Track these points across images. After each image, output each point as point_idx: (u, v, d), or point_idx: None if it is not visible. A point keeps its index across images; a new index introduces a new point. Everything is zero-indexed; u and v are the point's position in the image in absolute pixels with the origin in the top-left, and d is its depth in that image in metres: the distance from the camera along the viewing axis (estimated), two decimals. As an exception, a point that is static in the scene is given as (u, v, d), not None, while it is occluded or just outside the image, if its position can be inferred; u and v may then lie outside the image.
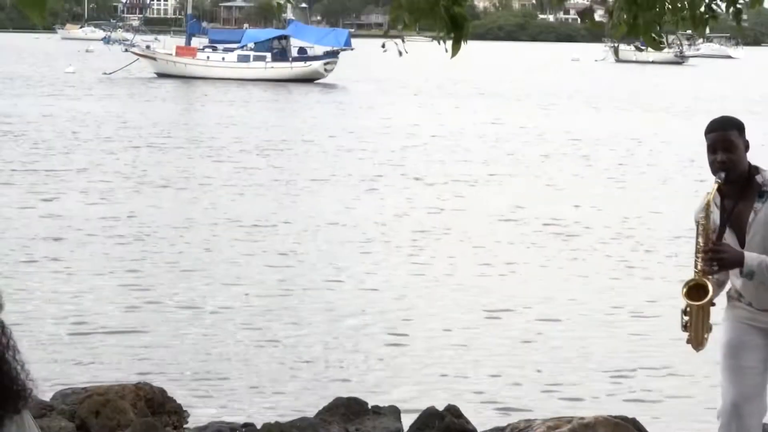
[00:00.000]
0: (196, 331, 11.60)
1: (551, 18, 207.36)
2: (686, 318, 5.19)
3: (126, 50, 61.81)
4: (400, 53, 3.96)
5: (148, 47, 64.31)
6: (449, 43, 3.80)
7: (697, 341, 5.22)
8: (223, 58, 61.36)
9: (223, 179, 22.90)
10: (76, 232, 16.67)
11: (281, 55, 61.62)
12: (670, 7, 4.20)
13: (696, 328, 5.19)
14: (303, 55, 61.93)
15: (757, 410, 5.26)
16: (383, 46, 4.10)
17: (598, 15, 4.56)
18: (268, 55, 61.21)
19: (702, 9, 4.24)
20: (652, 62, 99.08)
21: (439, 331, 11.84)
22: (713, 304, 5.19)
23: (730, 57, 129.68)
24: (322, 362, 10.64)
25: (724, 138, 5.09)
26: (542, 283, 14.13)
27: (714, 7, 4.29)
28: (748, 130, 5.25)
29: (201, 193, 21.01)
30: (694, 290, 5.13)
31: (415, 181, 23.48)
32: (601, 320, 12.43)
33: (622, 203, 20.91)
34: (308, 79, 60.02)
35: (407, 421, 7.38)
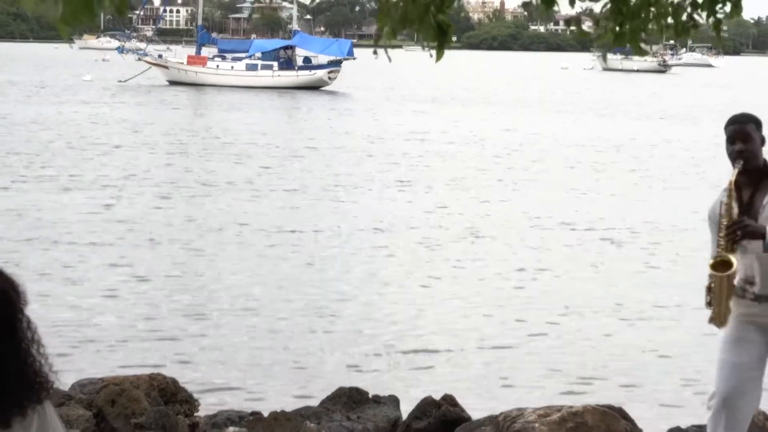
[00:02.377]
0: (208, 326, 11.60)
1: (542, 29, 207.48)
2: (710, 296, 5.17)
3: (139, 59, 61.98)
4: (389, 59, 3.97)
5: (160, 56, 64.40)
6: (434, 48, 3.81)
7: (720, 319, 5.17)
8: (232, 67, 61.42)
9: (249, 184, 22.68)
10: (93, 233, 16.70)
11: (287, 64, 61.68)
12: (654, 16, 4.21)
13: (719, 303, 5.13)
14: (308, 64, 62.06)
15: (748, 404, 5.24)
16: (375, 52, 4.14)
17: (586, 26, 4.55)
18: (275, 64, 61.28)
19: (684, 18, 4.25)
20: (637, 71, 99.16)
21: (439, 327, 11.84)
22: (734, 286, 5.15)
23: (710, 66, 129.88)
24: (325, 354, 10.64)
25: (742, 130, 5.20)
26: (544, 283, 14.10)
27: (695, 17, 4.30)
28: None
29: (227, 198, 20.81)
30: (719, 266, 5.13)
31: (433, 185, 23.08)
32: (598, 318, 12.42)
33: (634, 206, 20.59)
34: (313, 87, 60.09)
35: (406, 409, 7.38)
